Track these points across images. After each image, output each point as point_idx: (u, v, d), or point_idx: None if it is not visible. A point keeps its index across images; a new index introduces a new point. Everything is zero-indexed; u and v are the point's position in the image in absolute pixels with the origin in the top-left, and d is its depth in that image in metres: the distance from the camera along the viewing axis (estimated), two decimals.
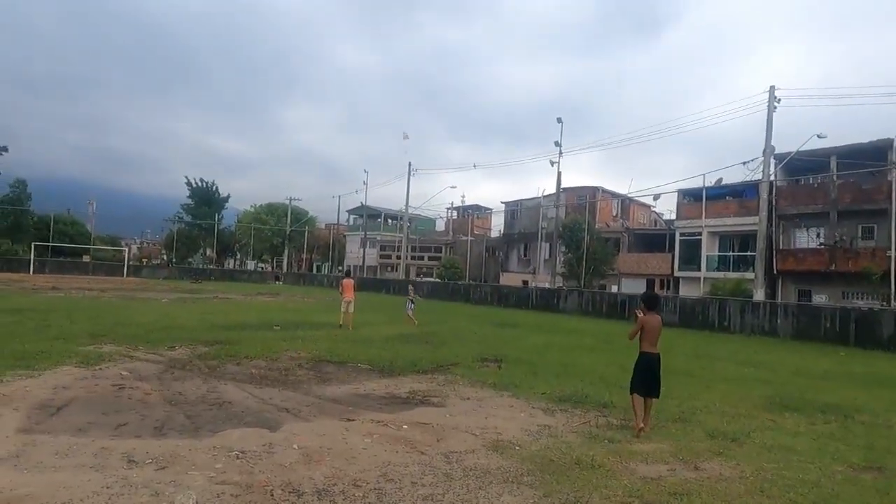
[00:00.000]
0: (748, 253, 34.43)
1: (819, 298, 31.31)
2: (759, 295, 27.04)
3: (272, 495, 4.35)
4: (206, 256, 77.83)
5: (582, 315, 29.02)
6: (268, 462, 5.12)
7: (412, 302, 21.17)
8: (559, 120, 37.01)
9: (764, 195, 27.88)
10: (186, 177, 73.94)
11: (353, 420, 6.77)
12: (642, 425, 6.78)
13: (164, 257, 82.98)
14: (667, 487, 4.94)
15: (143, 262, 76.94)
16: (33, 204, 64.99)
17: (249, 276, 65.20)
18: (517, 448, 5.94)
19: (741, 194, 36.73)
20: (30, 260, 50.22)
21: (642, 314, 7.17)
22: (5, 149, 57.76)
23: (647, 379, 6.99)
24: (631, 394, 7.04)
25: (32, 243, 52.61)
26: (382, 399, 8.17)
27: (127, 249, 61.46)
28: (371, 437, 6.09)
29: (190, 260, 74.30)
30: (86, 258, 62.85)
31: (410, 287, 24.51)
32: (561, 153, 37.52)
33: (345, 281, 18.53)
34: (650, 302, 7.39)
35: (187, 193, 74.25)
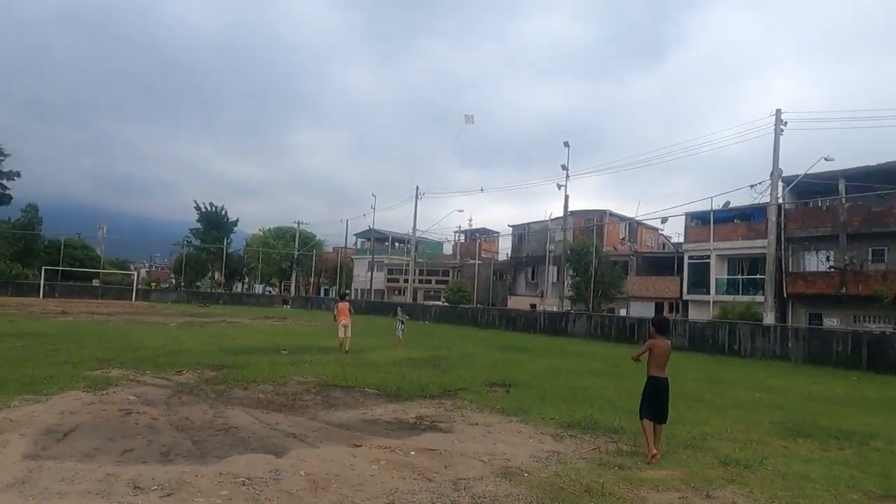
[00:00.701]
0: (757, 276, 34.22)
1: (830, 322, 31.02)
2: (769, 318, 26.81)
3: None
4: (215, 280, 78.07)
5: (590, 339, 28.84)
6: (274, 489, 5.08)
7: (402, 323, 21.96)
8: (566, 144, 37.21)
9: (772, 218, 27.79)
10: (195, 201, 74.34)
11: (361, 446, 6.72)
12: (655, 451, 6.70)
13: (173, 281, 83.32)
14: None
15: (152, 286, 77.23)
16: (45, 228, 65.59)
17: (257, 299, 65.27)
18: (526, 475, 5.86)
19: (749, 217, 36.64)
20: (39, 284, 50.50)
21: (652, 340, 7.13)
22: (18, 174, 58.50)
23: (655, 404, 6.92)
24: (641, 419, 6.96)
25: (42, 267, 52.92)
26: (390, 424, 8.10)
27: (136, 273, 61.68)
28: (378, 463, 6.03)
29: (198, 284, 74.49)
30: (95, 282, 63.18)
31: (399, 309, 25.30)
32: (568, 176, 37.68)
33: (340, 304, 18.08)
34: (660, 325, 7.33)
35: (196, 217, 74.76)
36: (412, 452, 6.50)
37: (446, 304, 48.93)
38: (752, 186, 29.98)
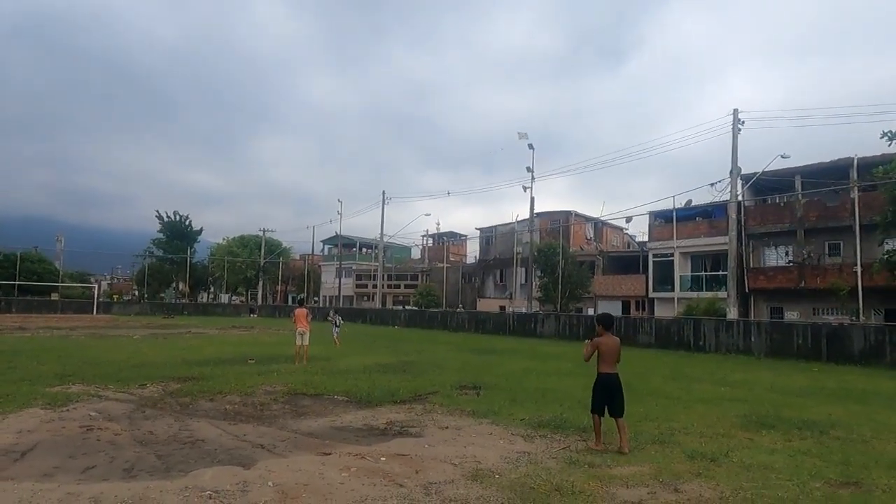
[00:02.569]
0: (720, 272, 34.93)
1: (791, 315, 31.84)
2: (733, 313, 27.40)
3: None
4: (179, 291, 76.53)
5: (559, 339, 29.07)
6: (241, 501, 4.98)
7: (336, 325, 22.70)
8: (530, 146, 37.47)
9: (732, 215, 28.43)
10: (157, 211, 72.83)
11: (330, 454, 6.64)
12: (601, 445, 7.02)
13: (136, 293, 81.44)
14: None
15: (114, 298, 75.38)
16: None
17: (224, 309, 64.18)
18: (497, 476, 5.87)
19: (711, 215, 37.42)
20: None
21: (593, 339, 7.32)
22: None
23: (604, 399, 7.10)
24: (591, 413, 7.12)
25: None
26: (360, 431, 8.04)
27: (96, 286, 60.07)
28: (349, 470, 5.97)
29: (162, 295, 72.95)
30: (54, 296, 61.38)
31: (332, 311, 26.07)
32: (533, 178, 37.95)
33: (297, 311, 17.52)
34: (606, 322, 7.57)
35: (158, 228, 73.21)
36: (382, 458, 6.45)
37: (415, 308, 48.82)
38: (712, 185, 30.58)
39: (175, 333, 28.65)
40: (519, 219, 48.07)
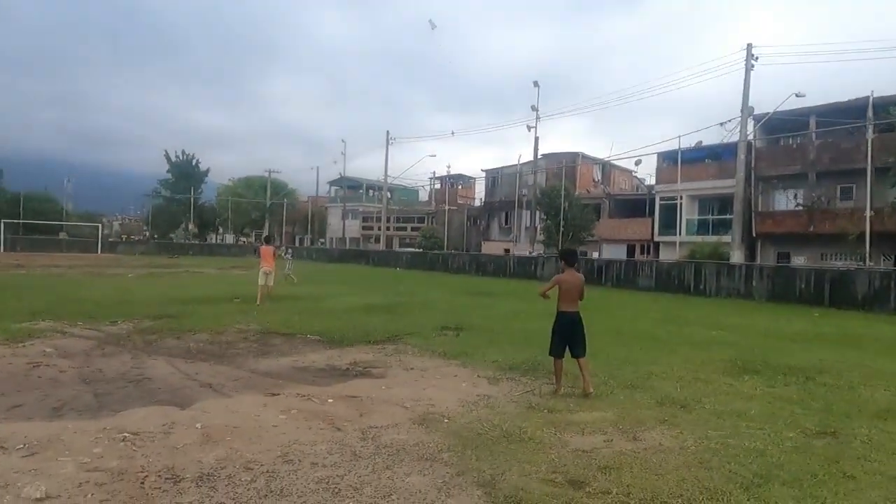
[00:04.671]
0: (727, 216, 34.09)
1: (798, 260, 31.13)
2: (737, 258, 26.79)
3: (143, 484, 3.85)
4: (189, 231, 76.56)
5: None
6: (159, 444, 4.62)
7: (288, 261, 24.33)
8: (536, 84, 36.24)
9: (741, 156, 27.45)
10: (165, 151, 72.02)
11: (277, 395, 6.29)
12: (561, 391, 6.62)
13: (147, 233, 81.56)
14: (597, 461, 4.50)
15: (123, 238, 75.63)
16: (9, 182, 63.38)
17: (229, 250, 64.18)
18: (446, 422, 5.48)
19: (720, 156, 36.31)
20: (0, 238, 49.01)
21: (553, 284, 6.89)
22: None
23: (565, 340, 6.72)
24: (551, 356, 6.74)
25: (2, 221, 51.30)
26: (320, 371, 7.69)
27: (100, 226, 59.92)
28: (288, 413, 5.60)
29: (172, 236, 73.00)
30: (62, 235, 61.58)
31: (284, 248, 28.33)
32: (538, 118, 36.88)
33: (262, 248, 16.59)
34: (568, 258, 7.15)
35: (167, 168, 72.52)
36: (330, 401, 6.09)
37: (418, 250, 48.50)
38: (721, 124, 29.50)
39: (172, 272, 28.52)
40: (523, 160, 47.04)
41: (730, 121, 28.51)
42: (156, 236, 71.08)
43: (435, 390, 6.70)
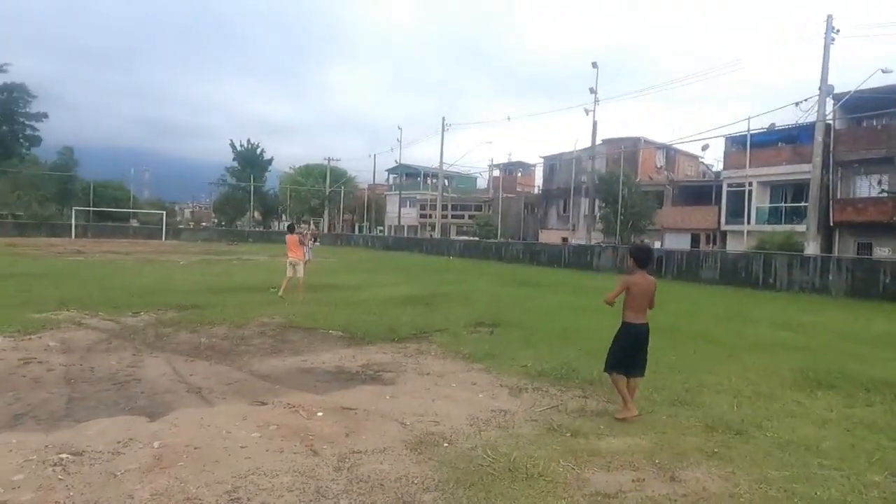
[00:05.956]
0: (801, 204, 31.69)
1: (881, 252, 28.63)
2: (812, 248, 24.73)
3: None
4: (254, 219, 78.04)
5: (616, 272, 27.23)
6: (97, 470, 3.95)
7: (309, 248, 22.41)
8: (594, 65, 34.55)
9: (819, 138, 25.23)
10: (231, 140, 73.72)
11: (265, 404, 5.57)
12: (634, 411, 5.43)
13: (215, 221, 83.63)
14: None
15: (191, 225, 77.83)
16: (84, 171, 65.90)
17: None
18: (445, 446, 4.62)
19: (795, 139, 33.77)
20: (71, 224, 50.86)
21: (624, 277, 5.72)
22: (45, 115, 58.63)
23: (629, 356, 5.56)
24: (607, 372, 5.65)
25: (74, 208, 53.28)
26: (326, 374, 6.95)
27: (163, 213, 61.50)
28: (266, 429, 4.86)
29: (238, 223, 74.51)
30: (133, 222, 63.63)
31: (308, 232, 27.15)
32: (597, 100, 35.20)
33: (288, 237, 15.85)
34: (640, 257, 5.83)
35: (233, 156, 74.09)
36: (319, 414, 5.31)
37: (472, 238, 47.61)
38: (797, 104, 27.08)
39: (223, 260, 28.64)
40: (579, 145, 45.31)
41: (806, 100, 26.31)
42: (223, 223, 72.59)
43: (445, 402, 5.85)
